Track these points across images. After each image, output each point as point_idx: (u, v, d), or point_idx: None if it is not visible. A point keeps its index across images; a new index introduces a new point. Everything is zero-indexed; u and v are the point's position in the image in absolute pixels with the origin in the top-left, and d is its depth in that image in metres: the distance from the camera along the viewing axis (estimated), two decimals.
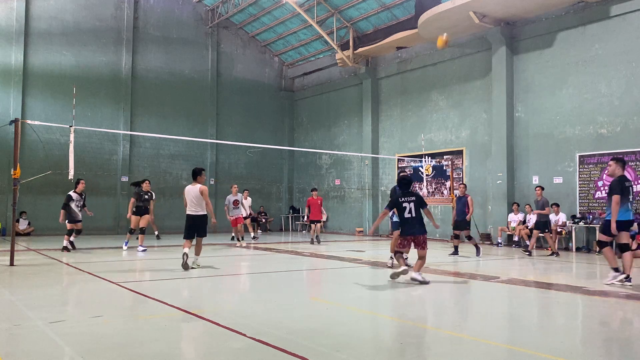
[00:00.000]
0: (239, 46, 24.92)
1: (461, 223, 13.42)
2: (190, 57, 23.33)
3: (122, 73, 21.47)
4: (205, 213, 9.97)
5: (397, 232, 11.08)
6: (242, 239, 16.10)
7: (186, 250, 9.74)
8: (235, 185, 16.95)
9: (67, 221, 13.26)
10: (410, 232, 8.65)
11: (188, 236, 9.96)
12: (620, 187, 8.34)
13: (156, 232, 18.26)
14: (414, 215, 8.63)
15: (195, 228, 9.95)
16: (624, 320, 6.26)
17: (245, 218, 17.11)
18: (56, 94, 19.89)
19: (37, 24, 19.97)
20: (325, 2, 20.88)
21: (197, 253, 10.09)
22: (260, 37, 25.10)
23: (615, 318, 6.36)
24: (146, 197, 13.89)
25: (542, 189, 13.90)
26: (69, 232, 13.31)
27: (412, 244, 8.71)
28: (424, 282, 8.35)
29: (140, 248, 13.18)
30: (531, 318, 6.26)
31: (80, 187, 13.58)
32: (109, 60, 21.29)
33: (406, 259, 9.10)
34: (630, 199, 8.55)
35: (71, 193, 13.39)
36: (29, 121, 12.89)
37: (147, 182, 14.15)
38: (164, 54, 22.64)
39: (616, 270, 8.42)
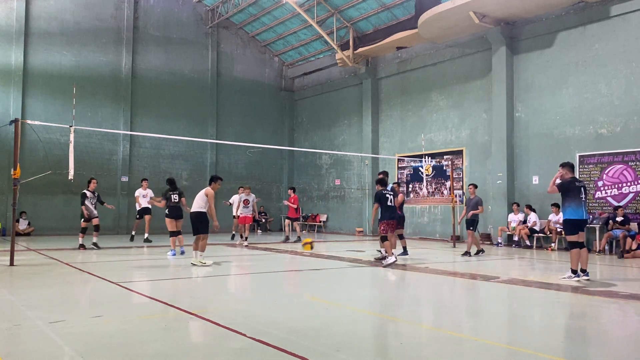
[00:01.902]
0: (239, 46, 24.93)
1: (400, 220, 12.99)
2: (190, 57, 23.33)
3: (122, 73, 21.47)
4: (202, 211, 10.51)
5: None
6: (246, 239, 16.10)
7: (193, 252, 10.63)
8: (249, 187, 16.98)
9: (82, 220, 13.59)
10: (392, 217, 11.09)
11: (193, 232, 10.68)
12: (568, 186, 8.88)
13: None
14: (393, 204, 11.28)
15: (194, 225, 10.57)
16: (624, 320, 6.26)
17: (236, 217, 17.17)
18: (56, 94, 19.89)
19: (37, 24, 19.96)
20: (325, 2, 20.88)
21: (201, 249, 10.48)
22: (260, 37, 25.11)
23: (615, 318, 6.36)
24: None
25: (476, 187, 13.60)
26: (83, 230, 13.64)
27: (391, 227, 11.03)
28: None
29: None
30: (531, 318, 6.26)
31: (92, 186, 13.85)
32: (109, 60, 21.29)
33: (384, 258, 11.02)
34: (583, 199, 8.91)
35: (85, 191, 13.74)
36: (29, 121, 12.88)
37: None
38: (164, 54, 22.64)
39: (574, 272, 8.79)
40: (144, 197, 16.25)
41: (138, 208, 16.55)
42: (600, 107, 14.74)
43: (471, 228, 12.97)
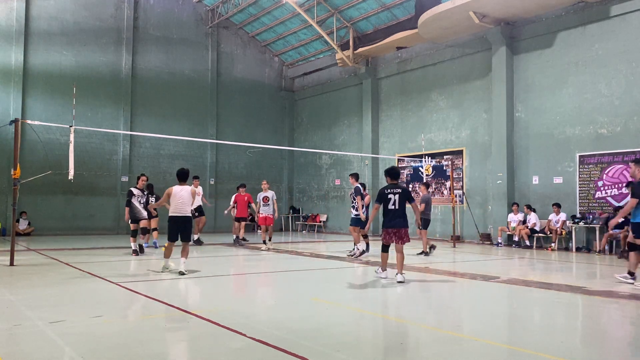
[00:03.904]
0: (239, 46, 24.93)
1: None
2: (190, 57, 23.33)
3: (122, 73, 21.47)
4: (190, 215, 9.43)
5: (353, 227, 12.60)
6: (269, 240, 14.55)
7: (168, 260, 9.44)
8: (265, 181, 15.23)
9: (129, 221, 12.33)
10: (392, 224, 8.68)
11: (182, 238, 9.36)
12: None
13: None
14: (397, 207, 8.68)
15: (184, 230, 9.40)
16: (624, 320, 6.26)
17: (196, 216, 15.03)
18: (56, 94, 19.89)
19: (37, 24, 19.96)
20: (325, 2, 20.88)
21: (184, 256, 9.26)
22: (260, 37, 25.11)
23: (615, 318, 6.36)
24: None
25: (427, 185, 13.69)
26: (133, 233, 12.28)
27: (394, 237, 8.66)
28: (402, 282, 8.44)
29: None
30: (531, 318, 6.26)
31: (141, 182, 12.56)
32: (109, 60, 21.28)
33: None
34: None
35: (132, 188, 12.47)
36: (29, 121, 12.86)
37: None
38: (164, 54, 22.64)
39: (631, 275, 8.49)
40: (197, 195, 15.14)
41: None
42: (600, 107, 14.74)
43: (420, 227, 12.69)
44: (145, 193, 12.57)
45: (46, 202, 19.60)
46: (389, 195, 8.71)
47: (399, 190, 8.76)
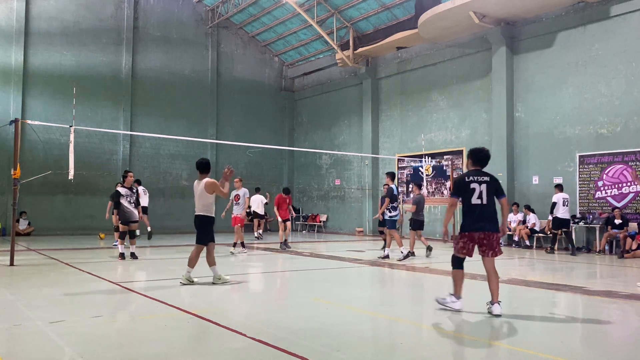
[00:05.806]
0: (239, 46, 24.93)
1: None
2: (190, 57, 23.33)
3: (122, 73, 21.47)
4: (206, 214, 8.27)
5: (393, 231, 12.01)
6: (237, 245, 13.47)
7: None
8: (238, 178, 13.81)
9: (120, 222, 11.50)
10: (478, 226, 6.09)
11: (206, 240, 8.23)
12: None
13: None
14: (485, 202, 6.07)
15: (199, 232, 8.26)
16: (623, 320, 6.26)
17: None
18: (56, 94, 19.89)
19: (37, 24, 19.96)
20: (325, 2, 20.88)
21: (211, 263, 8.29)
22: (260, 37, 25.11)
23: (615, 318, 6.36)
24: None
25: (420, 186, 13.29)
26: (122, 235, 11.48)
27: (477, 247, 6.24)
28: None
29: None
30: (531, 318, 6.25)
31: (129, 180, 11.51)
32: (109, 60, 21.28)
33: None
34: None
35: (119, 188, 11.50)
36: (29, 121, 12.88)
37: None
38: (164, 54, 22.64)
39: None
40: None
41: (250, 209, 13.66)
42: (600, 107, 14.74)
43: (412, 228, 12.68)
44: (134, 191, 11.59)
45: (46, 202, 19.60)
46: (472, 185, 6.10)
47: (487, 178, 6.17)
